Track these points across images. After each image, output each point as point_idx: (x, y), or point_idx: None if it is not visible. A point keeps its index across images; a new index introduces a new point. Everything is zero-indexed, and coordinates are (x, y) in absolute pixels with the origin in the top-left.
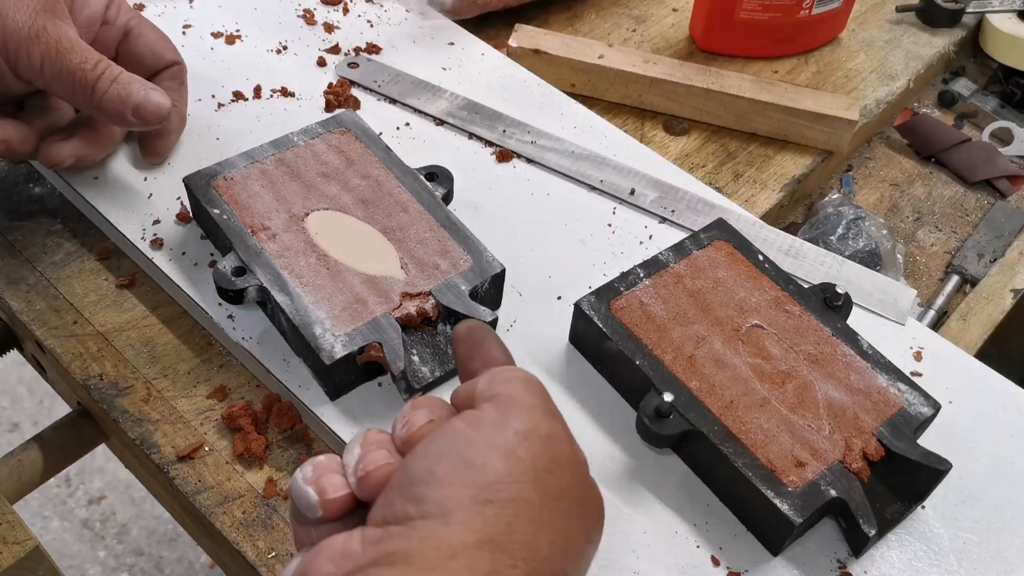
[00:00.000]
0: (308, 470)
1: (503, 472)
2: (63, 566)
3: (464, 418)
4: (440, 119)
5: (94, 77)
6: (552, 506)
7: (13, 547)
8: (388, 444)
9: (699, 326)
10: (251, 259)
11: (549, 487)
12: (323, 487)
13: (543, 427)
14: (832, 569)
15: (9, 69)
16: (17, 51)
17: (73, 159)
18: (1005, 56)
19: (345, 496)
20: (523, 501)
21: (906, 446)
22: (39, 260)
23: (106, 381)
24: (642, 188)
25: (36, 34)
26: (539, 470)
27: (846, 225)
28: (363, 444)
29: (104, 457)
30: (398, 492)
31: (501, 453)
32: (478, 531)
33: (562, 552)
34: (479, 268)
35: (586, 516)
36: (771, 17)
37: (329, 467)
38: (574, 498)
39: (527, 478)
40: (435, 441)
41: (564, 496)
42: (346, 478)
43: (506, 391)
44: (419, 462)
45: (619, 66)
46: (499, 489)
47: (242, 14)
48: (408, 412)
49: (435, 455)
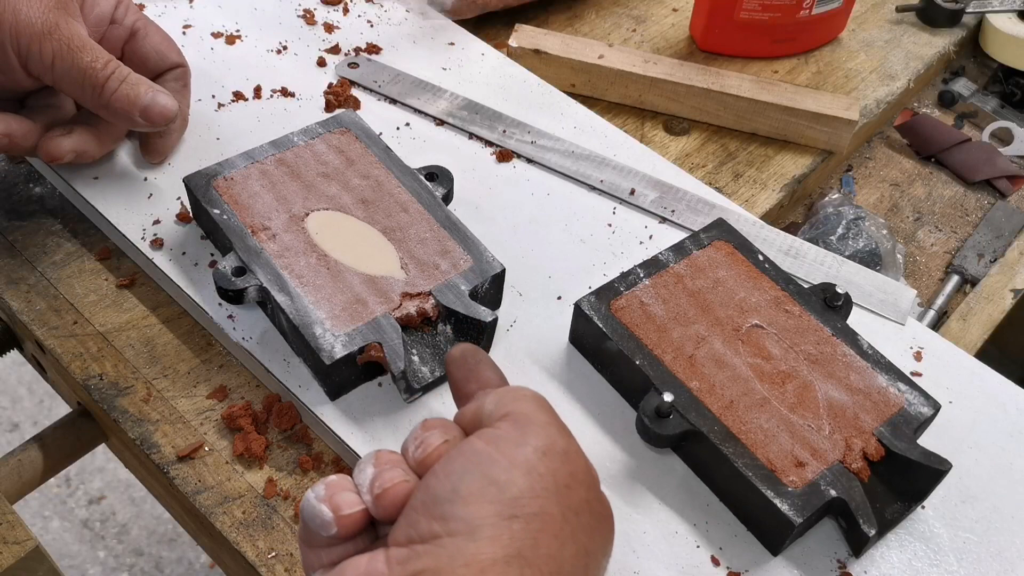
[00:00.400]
0: (320, 489)
1: (526, 488)
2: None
3: (482, 436)
4: (440, 119)
5: (104, 76)
6: (573, 521)
7: (13, 547)
8: (402, 464)
9: (699, 326)
10: (251, 259)
11: (569, 502)
12: (337, 504)
13: (560, 443)
14: (832, 569)
15: (20, 65)
16: (29, 47)
17: (73, 155)
18: (1005, 56)
19: (360, 513)
20: (546, 516)
21: (906, 446)
22: (39, 260)
23: (106, 381)
24: (642, 188)
25: (49, 31)
26: (559, 486)
27: (846, 225)
28: (376, 463)
29: (104, 457)
30: (421, 511)
31: (523, 470)
32: (506, 546)
33: (583, 564)
34: (479, 268)
35: (602, 530)
36: (771, 17)
37: (342, 486)
38: (591, 513)
39: (548, 494)
40: (455, 460)
41: (583, 511)
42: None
43: (519, 409)
44: (441, 481)
45: (619, 66)
46: (523, 505)
47: (242, 14)
48: (420, 433)
49: (457, 473)
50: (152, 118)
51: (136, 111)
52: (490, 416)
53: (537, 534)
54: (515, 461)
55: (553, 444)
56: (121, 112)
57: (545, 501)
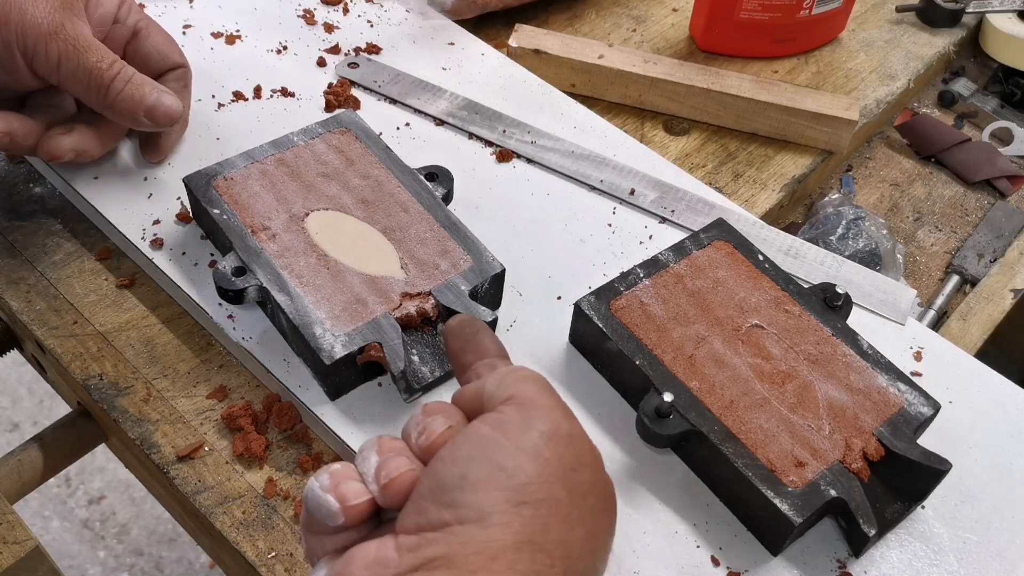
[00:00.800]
0: (325, 478)
1: (534, 474)
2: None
3: (487, 421)
4: (440, 119)
5: (109, 77)
6: (580, 504)
7: (13, 547)
8: (406, 451)
9: (699, 326)
10: (251, 259)
11: (576, 486)
12: (343, 494)
13: (564, 427)
14: (832, 569)
15: (26, 65)
16: (35, 47)
17: (74, 153)
18: (1005, 56)
19: (367, 502)
20: (555, 501)
21: (906, 446)
22: (39, 260)
23: (106, 381)
24: (642, 188)
25: (55, 31)
26: (566, 469)
27: (846, 225)
28: (379, 451)
29: (104, 457)
30: (430, 499)
31: (530, 455)
32: (517, 532)
33: (592, 548)
34: (479, 268)
35: (608, 511)
36: (771, 17)
37: (346, 475)
38: (597, 494)
39: (556, 478)
40: (461, 446)
41: (589, 493)
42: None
43: (522, 392)
44: (449, 468)
45: (619, 66)
46: (532, 490)
47: (242, 14)
48: (422, 419)
49: (464, 460)
50: (156, 119)
51: (141, 112)
52: (492, 398)
53: (546, 519)
54: (522, 446)
55: (558, 428)
56: (126, 112)
57: (553, 486)
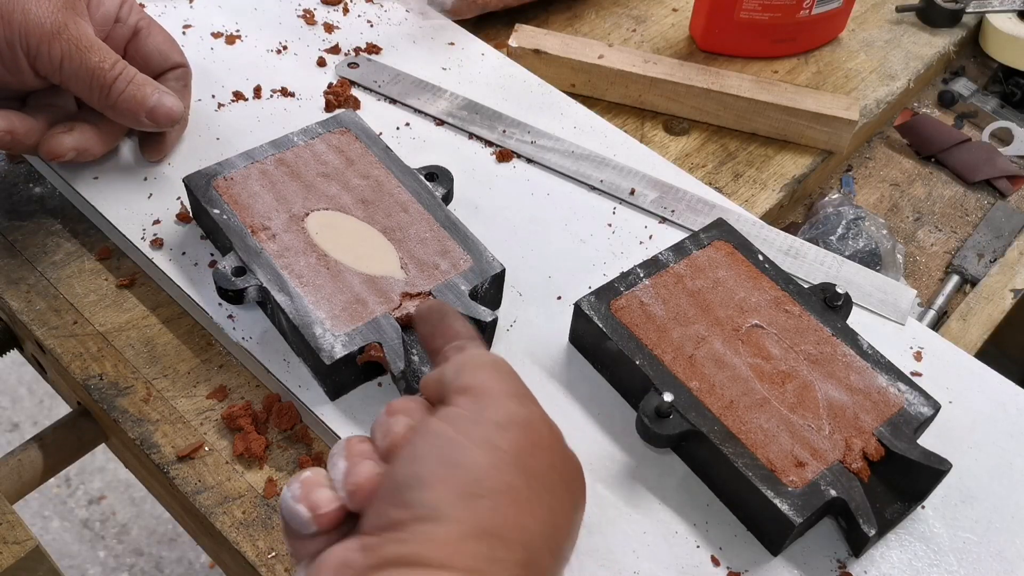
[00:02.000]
0: (296, 487)
1: (486, 466)
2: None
3: (442, 417)
4: (440, 119)
5: (112, 77)
6: (536, 486)
7: (13, 547)
8: (372, 453)
9: (699, 326)
10: (251, 259)
11: (532, 469)
12: (314, 503)
13: (519, 414)
14: (832, 569)
15: (28, 64)
16: (38, 47)
17: (74, 152)
18: (1005, 56)
19: (337, 509)
20: (510, 488)
21: (906, 446)
22: (39, 260)
23: (106, 381)
24: (642, 188)
25: (58, 31)
26: (521, 455)
27: (846, 225)
28: (347, 456)
29: (104, 457)
30: (388, 500)
31: (484, 448)
32: (472, 525)
33: (552, 526)
34: (479, 268)
35: (569, 486)
36: (771, 17)
37: (316, 482)
38: (556, 473)
39: (510, 466)
40: (416, 445)
41: (546, 474)
42: (335, 490)
43: (477, 382)
44: (404, 468)
45: (619, 66)
46: (486, 483)
47: (242, 14)
48: (384, 420)
49: (419, 459)
50: (158, 119)
51: (142, 112)
52: (449, 387)
53: (503, 508)
54: (474, 439)
55: (512, 416)
56: (127, 113)
57: (507, 474)
